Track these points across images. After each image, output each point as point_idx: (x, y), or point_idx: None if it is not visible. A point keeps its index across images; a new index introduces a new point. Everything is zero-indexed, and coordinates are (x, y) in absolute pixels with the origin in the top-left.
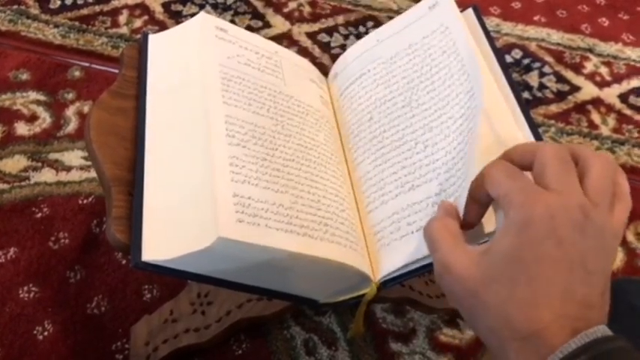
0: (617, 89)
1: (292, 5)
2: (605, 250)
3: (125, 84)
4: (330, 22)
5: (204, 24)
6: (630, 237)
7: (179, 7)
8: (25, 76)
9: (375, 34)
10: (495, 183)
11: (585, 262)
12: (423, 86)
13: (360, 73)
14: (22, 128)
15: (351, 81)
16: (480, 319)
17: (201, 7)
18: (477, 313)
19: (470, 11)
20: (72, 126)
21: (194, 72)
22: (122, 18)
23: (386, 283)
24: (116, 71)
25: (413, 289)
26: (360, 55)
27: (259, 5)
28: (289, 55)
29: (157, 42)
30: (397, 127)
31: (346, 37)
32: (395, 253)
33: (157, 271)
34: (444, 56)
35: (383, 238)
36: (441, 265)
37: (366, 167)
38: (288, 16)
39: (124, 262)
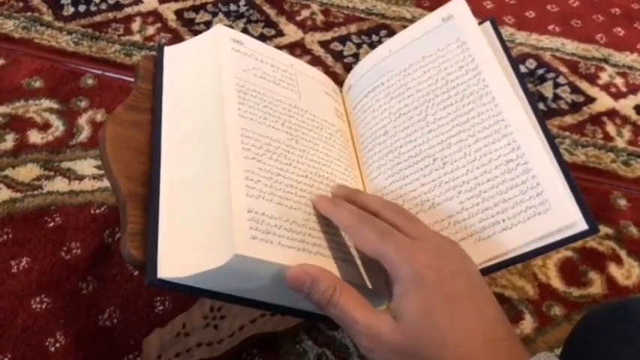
0: (632, 100)
1: (305, 14)
2: (473, 263)
3: (140, 97)
4: (342, 31)
5: (219, 36)
6: None
7: (192, 15)
8: (38, 84)
9: (386, 45)
10: (369, 245)
11: (477, 281)
12: (439, 100)
13: (373, 85)
14: (34, 136)
15: (364, 94)
16: None
17: (214, 14)
18: None
19: (487, 24)
20: (84, 134)
21: (210, 85)
22: (135, 25)
23: None
24: (129, 79)
25: None
26: (373, 66)
27: (272, 13)
28: (304, 68)
29: (172, 54)
30: (414, 142)
31: (359, 45)
32: None
33: (172, 288)
34: (461, 71)
35: None
36: (369, 338)
37: (382, 182)
38: (301, 25)
39: (136, 273)
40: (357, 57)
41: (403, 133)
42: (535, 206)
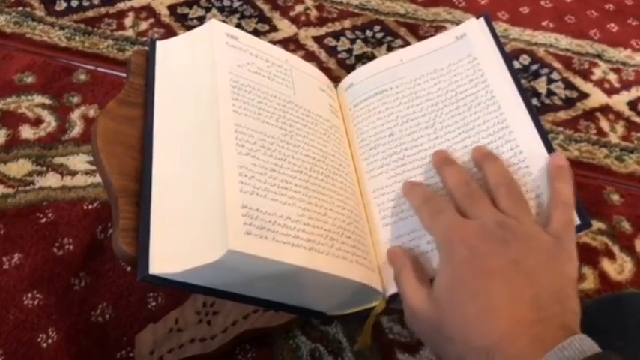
0: (626, 96)
1: (299, 9)
2: (539, 251)
3: (132, 92)
4: (336, 26)
5: (214, 31)
6: (639, 247)
7: (185, 10)
8: (30, 79)
9: (398, 54)
10: (423, 222)
11: (520, 266)
12: (447, 110)
13: (381, 88)
14: (27, 132)
15: (370, 95)
16: (449, 350)
17: (207, 10)
18: (446, 346)
19: (481, 20)
20: (77, 130)
21: (203, 80)
22: (128, 20)
23: (396, 296)
24: (122, 74)
25: None
26: (382, 71)
27: (266, 9)
28: (299, 63)
29: (165, 49)
30: (420, 146)
31: (353, 41)
32: None
33: (164, 284)
34: (470, 84)
35: None
36: (407, 312)
37: (384, 181)
38: (295, 20)
39: (129, 269)
40: (350, 52)
41: (409, 137)
42: (533, 207)
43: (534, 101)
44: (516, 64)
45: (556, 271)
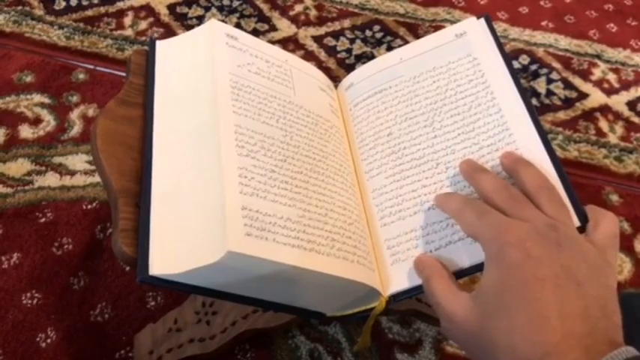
0: (625, 96)
1: (298, 8)
2: (587, 261)
3: (132, 92)
4: (336, 26)
5: (214, 31)
6: (638, 247)
7: (184, 10)
8: (29, 78)
9: (397, 53)
10: (468, 226)
11: (571, 274)
12: (447, 109)
13: (380, 87)
14: (25, 131)
15: (370, 94)
16: (490, 358)
17: (207, 9)
18: (486, 353)
19: (482, 20)
20: (76, 129)
21: (203, 80)
22: (127, 20)
23: (396, 297)
24: (121, 74)
25: (420, 301)
26: (382, 70)
27: (265, 8)
28: (299, 63)
29: (164, 48)
30: (418, 145)
31: (352, 41)
32: (411, 270)
33: (164, 285)
34: (470, 84)
35: (398, 253)
36: (444, 319)
37: (382, 181)
38: (294, 20)
39: (127, 268)
40: (350, 52)
41: (408, 136)
42: None
43: (533, 101)
44: (516, 64)
45: (602, 283)
